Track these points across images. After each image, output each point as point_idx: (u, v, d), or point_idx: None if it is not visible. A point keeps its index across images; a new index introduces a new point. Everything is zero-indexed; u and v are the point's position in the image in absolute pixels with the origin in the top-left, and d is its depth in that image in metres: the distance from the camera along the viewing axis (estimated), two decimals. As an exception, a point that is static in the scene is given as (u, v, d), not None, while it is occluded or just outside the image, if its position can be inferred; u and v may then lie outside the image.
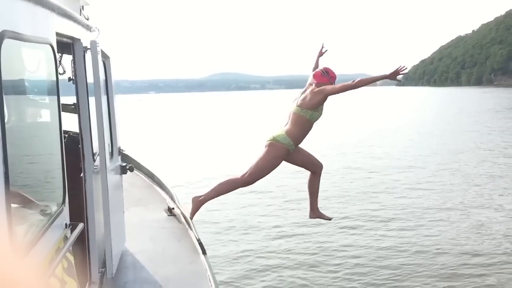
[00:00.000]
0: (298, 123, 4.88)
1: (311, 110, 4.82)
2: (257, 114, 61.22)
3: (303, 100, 4.86)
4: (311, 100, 4.80)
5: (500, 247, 8.58)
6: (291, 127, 4.90)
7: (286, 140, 4.87)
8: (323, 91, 4.78)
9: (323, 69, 5.01)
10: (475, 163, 17.43)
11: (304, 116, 4.85)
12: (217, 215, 11.54)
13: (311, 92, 4.84)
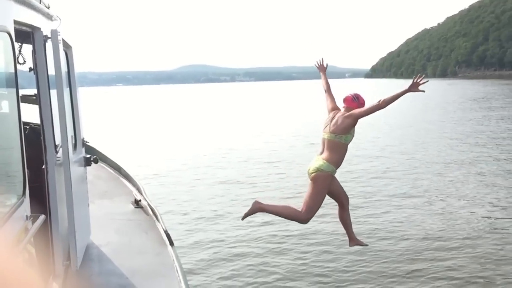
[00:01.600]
0: (335, 149, 5.00)
1: (344, 134, 4.98)
2: (227, 106, 61.13)
3: (334, 126, 5.00)
4: (343, 124, 4.97)
5: (462, 232, 8.88)
6: (329, 153, 5.01)
7: (329, 167, 4.97)
8: (352, 115, 4.96)
9: (354, 95, 5.22)
10: (439, 152, 17.92)
11: (339, 141, 5.00)
12: (186, 206, 11.55)
13: (342, 117, 5.01)
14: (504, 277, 6.91)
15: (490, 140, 20.47)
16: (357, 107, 5.06)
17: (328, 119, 5.15)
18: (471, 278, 6.89)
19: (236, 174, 15.36)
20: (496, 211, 10.24)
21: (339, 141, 4.97)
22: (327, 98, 5.47)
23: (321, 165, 4.94)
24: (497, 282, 6.72)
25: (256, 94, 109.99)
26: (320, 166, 4.94)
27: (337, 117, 5.05)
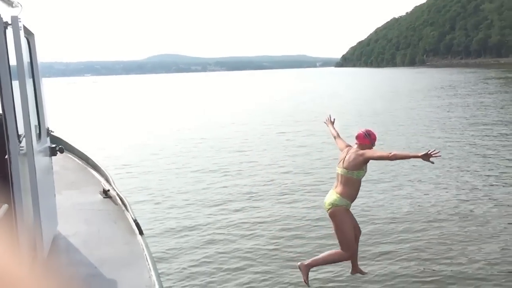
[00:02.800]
0: (349, 183, 5.25)
1: (357, 170, 5.22)
2: (198, 96, 60.78)
3: (347, 162, 5.25)
4: (355, 161, 5.21)
5: (429, 214, 9.14)
6: (343, 188, 5.26)
7: (343, 201, 5.23)
8: (364, 155, 5.21)
9: (365, 132, 5.52)
10: (407, 138, 18.31)
11: (351, 177, 5.24)
12: (156, 196, 11.51)
13: (355, 154, 5.27)
14: (468, 256, 7.15)
15: (456, 126, 21.02)
16: (369, 143, 5.39)
17: (342, 155, 5.44)
18: (437, 259, 7.11)
19: (207, 163, 15.35)
20: (461, 194, 10.55)
21: (352, 176, 5.24)
22: (337, 142, 5.89)
23: (335, 200, 5.23)
24: (462, 262, 6.95)
25: (228, 83, 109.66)
26: (334, 201, 5.23)
27: (350, 153, 5.33)
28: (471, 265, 6.80)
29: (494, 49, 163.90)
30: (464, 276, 6.46)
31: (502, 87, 45.17)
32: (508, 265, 6.84)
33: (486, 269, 6.67)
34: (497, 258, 7.07)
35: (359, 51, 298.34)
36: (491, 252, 7.30)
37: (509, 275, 6.53)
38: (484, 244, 7.65)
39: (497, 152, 14.90)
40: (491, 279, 6.36)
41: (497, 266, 6.80)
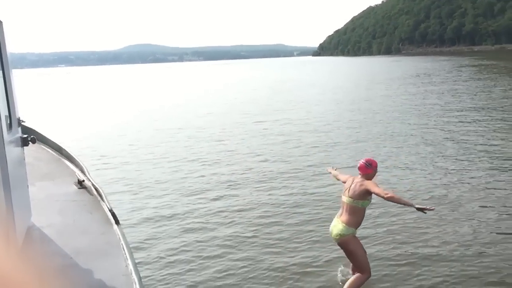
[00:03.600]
0: (354, 212, 5.44)
1: (362, 200, 5.43)
2: (175, 86, 60.27)
3: (352, 191, 5.46)
4: (359, 191, 5.43)
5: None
6: (348, 216, 5.45)
7: (349, 230, 5.41)
8: (366, 187, 5.41)
9: (366, 162, 5.68)
10: (384, 125, 18.52)
11: (357, 206, 5.43)
12: (133, 186, 11.42)
13: (359, 184, 5.48)
14: (443, 239, 7.29)
15: (431, 113, 21.35)
16: (372, 172, 5.61)
17: (347, 184, 5.63)
18: (412, 242, 7.23)
19: (184, 153, 15.28)
20: (435, 179, 10.75)
21: (357, 205, 5.42)
22: (341, 178, 6.18)
23: (342, 230, 5.40)
24: (436, 244, 7.09)
25: (205, 73, 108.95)
26: (342, 231, 5.40)
27: (355, 183, 5.54)
28: (445, 247, 6.95)
29: (468, 37, 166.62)
30: (439, 258, 6.61)
31: (476, 74, 46.00)
32: (481, 246, 7.02)
33: (460, 250, 6.83)
34: (470, 240, 7.25)
35: (336, 40, 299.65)
36: (464, 234, 7.48)
37: (481, 255, 6.70)
38: (458, 227, 7.83)
39: (471, 137, 15.20)
40: (464, 260, 6.52)
41: (470, 247, 6.97)
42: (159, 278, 6.39)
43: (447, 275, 6.12)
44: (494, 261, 6.51)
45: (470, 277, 6.02)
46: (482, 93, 28.30)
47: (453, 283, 5.82)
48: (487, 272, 6.13)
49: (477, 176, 10.83)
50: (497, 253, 6.75)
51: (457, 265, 6.37)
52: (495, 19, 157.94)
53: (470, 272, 6.17)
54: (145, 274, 6.33)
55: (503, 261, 6.51)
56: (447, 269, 6.29)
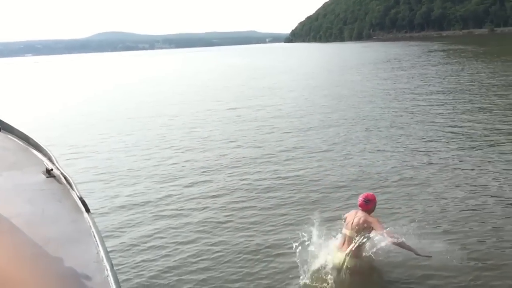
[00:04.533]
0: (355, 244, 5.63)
1: (363, 233, 5.63)
2: (146, 74, 59.47)
3: (357, 225, 5.65)
4: (363, 225, 5.62)
5: (373, 178, 9.48)
6: (350, 248, 5.65)
7: (353, 261, 5.65)
8: (371, 225, 5.64)
9: (364, 199, 5.85)
10: (356, 109, 18.74)
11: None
12: (103, 174, 11.30)
13: (362, 221, 5.65)
14: (411, 217, 7.46)
15: (402, 97, 21.68)
16: (371, 206, 5.86)
17: (350, 217, 5.77)
18: (382, 221, 7.38)
19: (157, 140, 15.17)
20: (405, 161, 10.97)
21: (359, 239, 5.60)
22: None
23: (347, 262, 5.60)
24: (405, 223, 7.24)
25: (176, 61, 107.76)
26: (347, 263, 5.60)
27: (358, 217, 5.71)
28: (413, 224, 7.10)
29: (437, 23, 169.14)
30: (409, 237, 6.76)
31: (444, 59, 46.86)
32: (449, 224, 7.23)
33: (428, 228, 7.01)
34: (439, 218, 7.45)
35: (308, 26, 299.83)
36: (432, 212, 7.68)
37: (449, 232, 6.91)
38: (427, 206, 8.03)
39: (439, 120, 15.54)
40: (433, 237, 6.69)
41: (439, 226, 7.17)
42: (133, 265, 6.37)
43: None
44: (461, 238, 6.73)
45: (440, 255, 6.18)
46: (450, 77, 28.87)
47: (422, 259, 5.96)
48: (455, 249, 6.32)
49: (445, 157, 11.09)
50: (464, 230, 6.96)
51: (426, 242, 6.54)
52: (462, 4, 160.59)
53: (439, 249, 6.34)
54: (118, 261, 6.30)
55: (470, 237, 6.73)
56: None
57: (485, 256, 6.23)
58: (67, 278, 3.85)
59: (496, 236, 6.79)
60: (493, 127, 13.75)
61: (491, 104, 17.79)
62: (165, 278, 6.05)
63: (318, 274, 5.71)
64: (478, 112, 16.43)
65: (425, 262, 5.89)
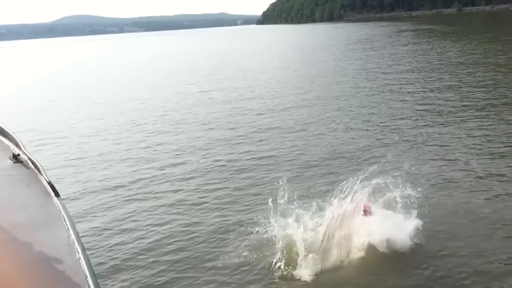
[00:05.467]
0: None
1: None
2: (115, 58, 58.32)
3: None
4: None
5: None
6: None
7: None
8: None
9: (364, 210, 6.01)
10: (328, 88, 18.85)
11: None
12: (72, 159, 11.12)
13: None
14: (378, 188, 7.57)
15: (373, 76, 21.90)
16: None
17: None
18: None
19: (128, 125, 14.99)
20: (377, 139, 11.14)
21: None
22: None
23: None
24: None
25: (147, 44, 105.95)
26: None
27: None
28: (385, 200, 7.20)
29: (406, 3, 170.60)
30: (379, 213, 6.88)
31: (414, 38, 47.41)
32: (418, 198, 7.33)
33: (400, 203, 7.10)
34: (410, 193, 7.52)
35: (279, 8, 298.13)
36: (403, 188, 7.78)
37: (419, 206, 7.04)
38: (398, 182, 8.14)
39: (410, 98, 15.78)
40: (404, 212, 6.80)
41: (409, 199, 7.23)
42: (106, 248, 6.32)
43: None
44: (432, 210, 6.89)
45: (411, 227, 6.30)
46: (420, 57, 29.27)
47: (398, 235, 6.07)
48: (426, 222, 6.45)
49: (415, 133, 11.30)
50: (434, 204, 7.13)
51: (398, 216, 6.66)
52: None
53: (409, 224, 6.47)
54: (92, 245, 6.26)
55: (439, 210, 6.91)
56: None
57: (453, 227, 6.42)
58: (38, 262, 3.79)
59: (464, 208, 6.98)
60: (461, 104, 14.05)
61: (459, 82, 18.14)
62: (139, 260, 6.03)
63: (289, 251, 5.76)
64: (447, 90, 16.73)
65: (396, 236, 5.99)
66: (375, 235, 5.93)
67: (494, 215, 6.70)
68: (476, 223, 6.55)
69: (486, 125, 11.49)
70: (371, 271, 5.59)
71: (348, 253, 5.83)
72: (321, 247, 5.74)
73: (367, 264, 5.67)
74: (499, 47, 29.00)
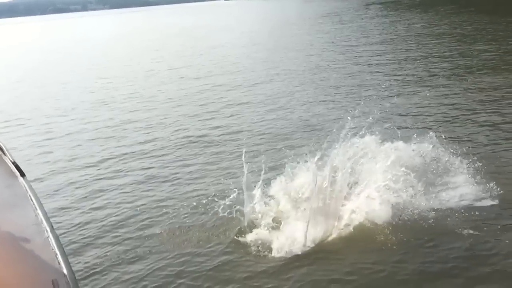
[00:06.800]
0: None
1: None
2: (78, 37, 56.75)
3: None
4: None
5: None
6: None
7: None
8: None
9: None
10: (297, 61, 18.84)
11: None
12: (36, 141, 10.90)
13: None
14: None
15: (341, 49, 21.97)
16: None
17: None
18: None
19: (95, 103, 14.73)
20: (347, 112, 11.21)
21: None
22: None
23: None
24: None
25: (112, 22, 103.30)
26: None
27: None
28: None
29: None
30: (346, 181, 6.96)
31: (382, 11, 47.63)
32: (384, 163, 7.48)
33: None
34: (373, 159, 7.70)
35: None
36: (370, 155, 7.90)
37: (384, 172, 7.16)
38: (367, 152, 8.26)
39: (378, 69, 15.94)
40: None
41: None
42: (75, 225, 6.27)
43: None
44: (405, 176, 6.98)
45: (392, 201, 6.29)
46: (388, 29, 29.46)
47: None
48: (405, 193, 6.48)
49: (385, 103, 11.37)
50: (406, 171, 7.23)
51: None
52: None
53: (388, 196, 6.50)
54: (61, 225, 6.18)
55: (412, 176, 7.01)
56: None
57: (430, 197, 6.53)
58: (6, 242, 3.72)
59: (433, 169, 7.05)
60: (429, 74, 14.28)
61: (426, 53, 18.37)
62: (110, 237, 5.99)
63: (257, 222, 5.80)
64: (414, 61, 16.92)
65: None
66: (358, 209, 5.79)
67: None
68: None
69: (452, 93, 11.73)
70: (349, 248, 5.43)
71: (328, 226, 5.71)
72: (291, 217, 5.77)
73: (349, 239, 5.56)
74: (464, 17, 29.45)
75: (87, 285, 5.03)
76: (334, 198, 5.77)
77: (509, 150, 7.72)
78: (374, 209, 5.74)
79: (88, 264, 5.42)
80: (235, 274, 5.01)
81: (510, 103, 10.32)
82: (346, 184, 5.90)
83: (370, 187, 5.99)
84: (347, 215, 5.77)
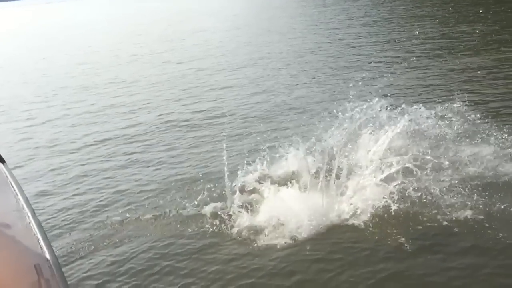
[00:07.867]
0: None
1: None
2: (56, 23, 55.64)
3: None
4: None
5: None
6: None
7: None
8: None
9: None
10: (281, 45, 18.75)
11: None
12: (21, 127, 10.73)
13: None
14: (327, 136, 7.69)
15: (324, 32, 21.91)
16: None
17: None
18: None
19: (76, 89, 14.55)
20: (331, 95, 11.27)
21: None
22: None
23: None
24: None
25: (89, 6, 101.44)
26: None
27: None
28: (336, 150, 7.32)
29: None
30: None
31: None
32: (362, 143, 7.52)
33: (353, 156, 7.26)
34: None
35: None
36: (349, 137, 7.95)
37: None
38: (345, 132, 8.29)
39: (360, 50, 15.96)
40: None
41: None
42: (57, 210, 6.22)
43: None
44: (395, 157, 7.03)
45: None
46: (371, 11, 29.40)
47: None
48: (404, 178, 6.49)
49: (369, 84, 11.42)
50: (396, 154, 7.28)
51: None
52: None
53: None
54: (42, 210, 6.11)
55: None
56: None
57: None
58: (-12, 229, 3.66)
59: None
60: (412, 55, 14.28)
61: (409, 34, 18.40)
62: (93, 221, 5.96)
63: (241, 205, 5.76)
64: (397, 42, 16.97)
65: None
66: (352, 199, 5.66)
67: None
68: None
69: (433, 74, 11.83)
70: (340, 234, 5.27)
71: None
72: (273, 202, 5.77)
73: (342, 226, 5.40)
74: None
75: (71, 270, 5.00)
76: (323, 182, 5.74)
77: (490, 129, 7.80)
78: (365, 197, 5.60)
79: (71, 249, 5.38)
80: (220, 256, 5.02)
81: (491, 84, 10.43)
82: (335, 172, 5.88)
83: (360, 175, 5.96)
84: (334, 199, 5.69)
